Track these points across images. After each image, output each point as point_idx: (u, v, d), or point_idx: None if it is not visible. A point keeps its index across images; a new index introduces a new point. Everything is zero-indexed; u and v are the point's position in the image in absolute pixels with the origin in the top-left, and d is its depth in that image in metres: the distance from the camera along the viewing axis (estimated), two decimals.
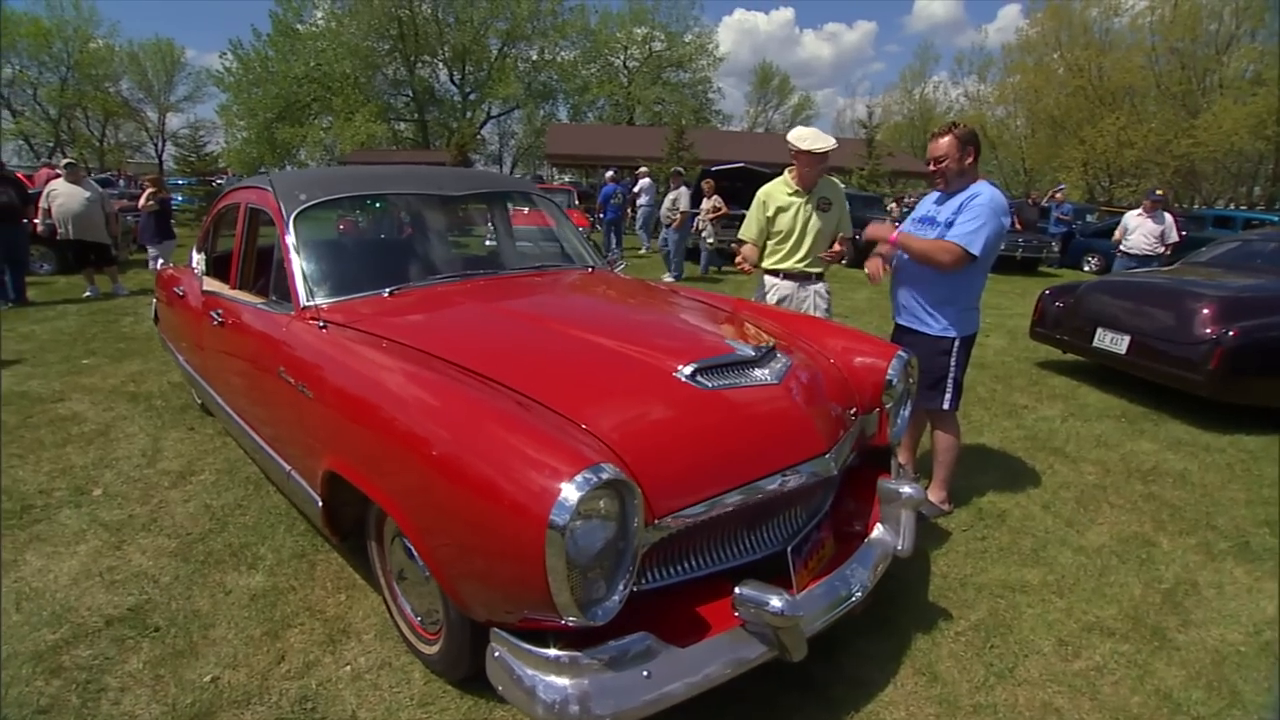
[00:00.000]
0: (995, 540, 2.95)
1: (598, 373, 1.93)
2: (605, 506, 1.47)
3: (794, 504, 1.94)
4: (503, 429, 1.61)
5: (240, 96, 33.76)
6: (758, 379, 1.94)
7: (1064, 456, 3.94)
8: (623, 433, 1.69)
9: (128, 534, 2.93)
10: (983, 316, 7.38)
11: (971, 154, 2.87)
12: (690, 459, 1.72)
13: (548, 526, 1.38)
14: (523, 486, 1.45)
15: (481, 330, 2.25)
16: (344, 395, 2.03)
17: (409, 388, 1.85)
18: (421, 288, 2.60)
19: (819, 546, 1.99)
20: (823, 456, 1.88)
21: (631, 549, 1.52)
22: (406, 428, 1.76)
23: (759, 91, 49.81)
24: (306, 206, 2.70)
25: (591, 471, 1.43)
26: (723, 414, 1.82)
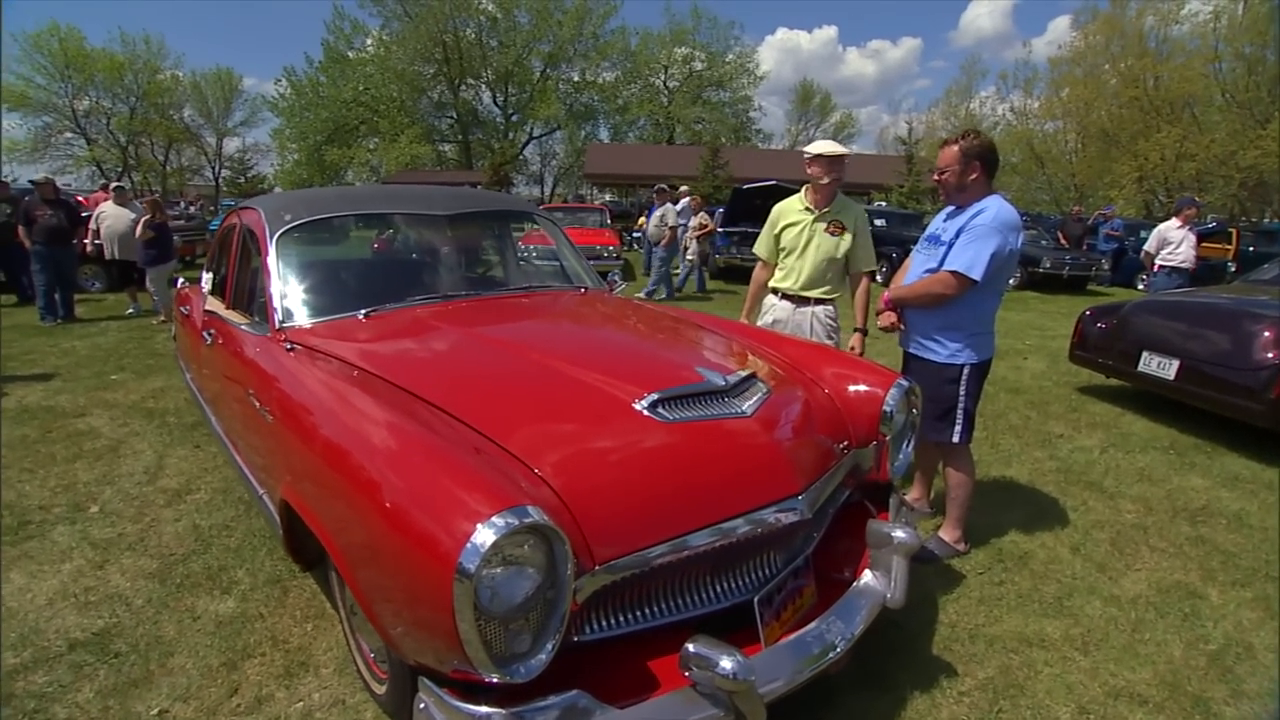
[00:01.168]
0: (1014, 586, 2.69)
1: (554, 404, 1.80)
2: (529, 553, 1.34)
3: (765, 549, 1.76)
4: (430, 463, 1.49)
5: (292, 120, 35.25)
6: (726, 411, 1.78)
7: (1100, 492, 3.62)
8: (567, 470, 1.56)
9: (113, 553, 2.91)
10: (1024, 338, 7.01)
11: (976, 169, 2.66)
12: (641, 499, 1.57)
13: (455, 572, 1.24)
14: (438, 525, 1.33)
15: (445, 356, 2.15)
16: (295, 420, 1.96)
17: (349, 416, 1.75)
18: (399, 309, 2.52)
19: (796, 595, 1.80)
20: (794, 498, 1.70)
21: (563, 600, 1.37)
22: (340, 457, 1.67)
23: (800, 110, 49.53)
24: (290, 227, 2.67)
25: (512, 514, 1.30)
26: (681, 449, 1.67)
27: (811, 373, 2.32)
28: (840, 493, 2.21)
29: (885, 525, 1.95)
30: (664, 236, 9.65)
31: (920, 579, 2.69)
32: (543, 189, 45.61)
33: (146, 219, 7.79)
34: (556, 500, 1.49)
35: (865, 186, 21.44)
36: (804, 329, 3.25)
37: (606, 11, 38.31)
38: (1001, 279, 2.76)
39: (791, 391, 2.09)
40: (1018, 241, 2.68)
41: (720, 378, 1.85)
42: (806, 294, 3.23)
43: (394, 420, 1.67)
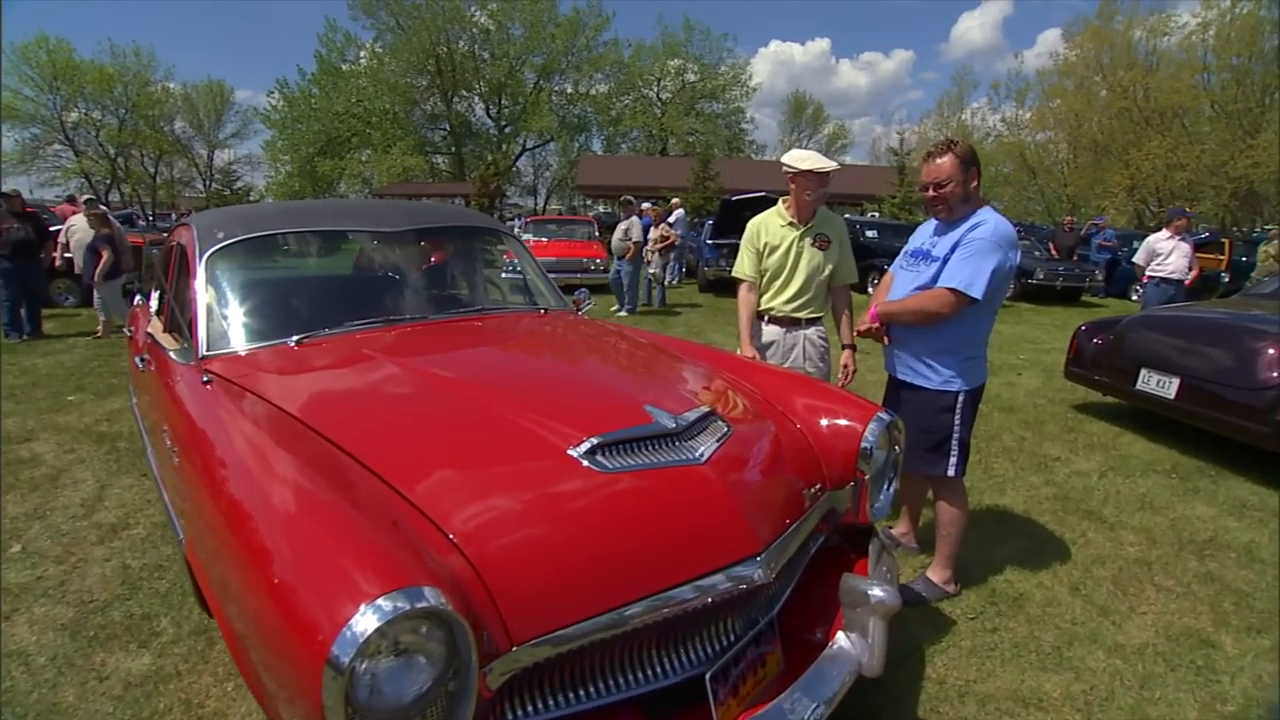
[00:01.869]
0: (1009, 633, 2.46)
1: (480, 452, 1.57)
2: (422, 640, 1.12)
3: (721, 615, 1.54)
4: (325, 533, 1.26)
5: (285, 132, 35.16)
6: (677, 457, 1.55)
7: (1100, 522, 3.40)
8: (484, 533, 1.33)
9: (26, 601, 2.66)
10: (1018, 351, 6.77)
11: (975, 175, 2.47)
12: (570, 566, 1.34)
13: (326, 663, 1.02)
14: (319, 607, 1.11)
15: (369, 394, 1.92)
16: (195, 467, 1.73)
17: (250, 468, 1.52)
18: (334, 336, 2.30)
19: (758, 665, 1.58)
20: (753, 559, 1.47)
21: (468, 694, 1.15)
22: (235, 517, 1.44)
23: (792, 121, 49.63)
24: (222, 246, 2.45)
25: (404, 596, 1.08)
26: (621, 505, 1.44)
27: (783, 406, 2.10)
28: (813, 540, 1.98)
29: (861, 582, 1.72)
30: (628, 250, 9.38)
31: (905, 625, 2.48)
32: (536, 200, 45.56)
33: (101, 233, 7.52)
34: (469, 571, 1.26)
35: (857, 197, 21.36)
36: (798, 352, 3.04)
37: (599, 24, 38.49)
38: (998, 298, 2.56)
39: (757, 430, 1.87)
40: (1016, 258, 2.48)
41: (671, 418, 1.62)
42: (798, 315, 3.03)
43: (296, 477, 1.45)
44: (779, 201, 3.10)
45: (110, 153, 36.89)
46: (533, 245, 13.02)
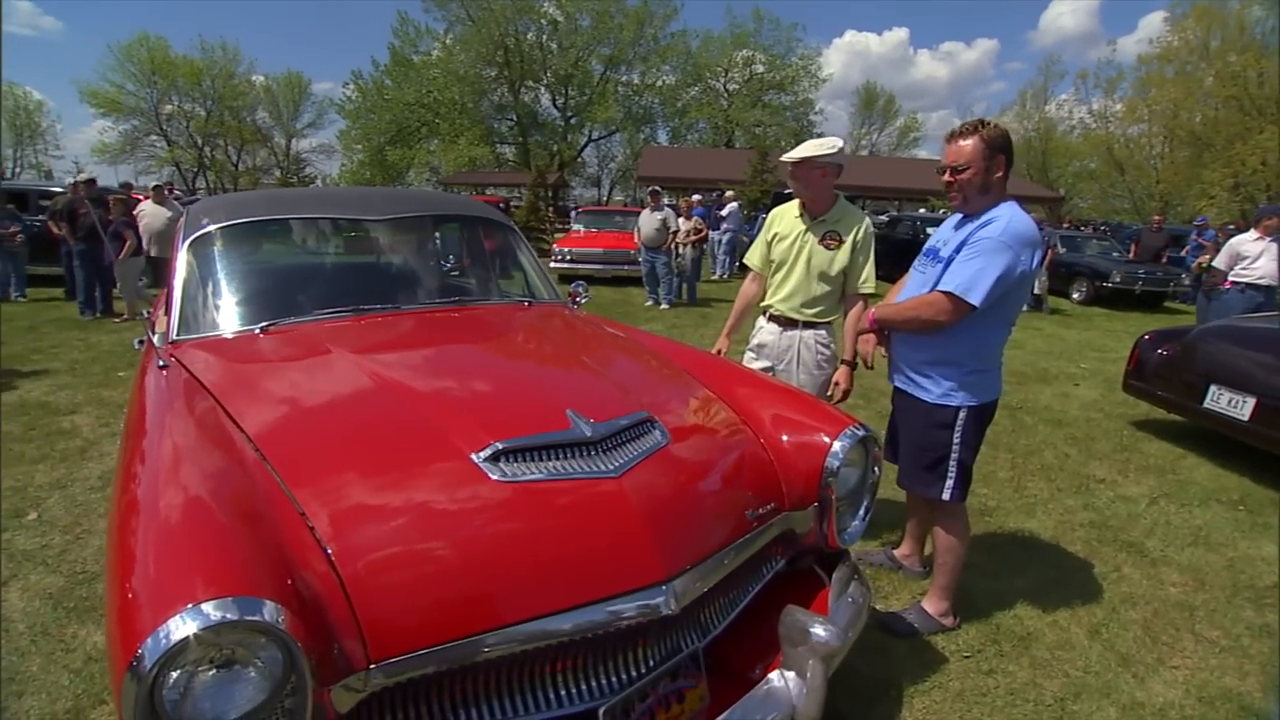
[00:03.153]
0: (1006, 677, 2.21)
1: (380, 452, 1.47)
2: (251, 654, 1.03)
3: (631, 644, 1.39)
4: (181, 529, 1.20)
5: (358, 122, 36.49)
6: (586, 469, 1.41)
7: (1141, 555, 3.05)
8: (357, 538, 1.24)
9: (25, 568, 2.76)
10: (1080, 360, 6.26)
11: (1002, 164, 2.19)
12: (446, 581, 1.23)
13: (128, 665, 0.96)
14: (144, 606, 1.05)
15: (302, 380, 1.87)
16: (123, 445, 1.73)
17: (150, 456, 1.49)
18: (297, 325, 2.26)
19: (674, 700, 1.42)
20: (657, 587, 1.32)
21: (306, 707, 1.06)
22: (118, 498, 1.42)
23: (863, 113, 48.00)
24: (204, 231, 2.47)
25: (233, 606, 1.01)
26: (514, 517, 1.32)
27: (748, 415, 1.93)
28: (768, 566, 1.81)
29: (804, 617, 1.54)
30: (665, 241, 9.17)
31: (888, 658, 2.27)
32: (599, 192, 45.77)
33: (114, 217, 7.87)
34: (334, 581, 1.18)
35: (924, 193, 20.39)
36: (791, 355, 2.82)
37: (667, 14, 38.13)
38: (1011, 305, 2.28)
39: (700, 442, 1.71)
40: (1032, 261, 2.18)
41: (590, 426, 1.48)
42: (795, 316, 2.80)
43: (187, 470, 1.39)
44: None
45: (198, 142, 39.53)
46: (582, 236, 13.02)
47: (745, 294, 3.04)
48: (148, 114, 38.28)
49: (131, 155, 38.60)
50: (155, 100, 37.99)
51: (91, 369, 5.83)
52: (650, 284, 9.79)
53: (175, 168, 38.73)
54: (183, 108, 38.61)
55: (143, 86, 37.29)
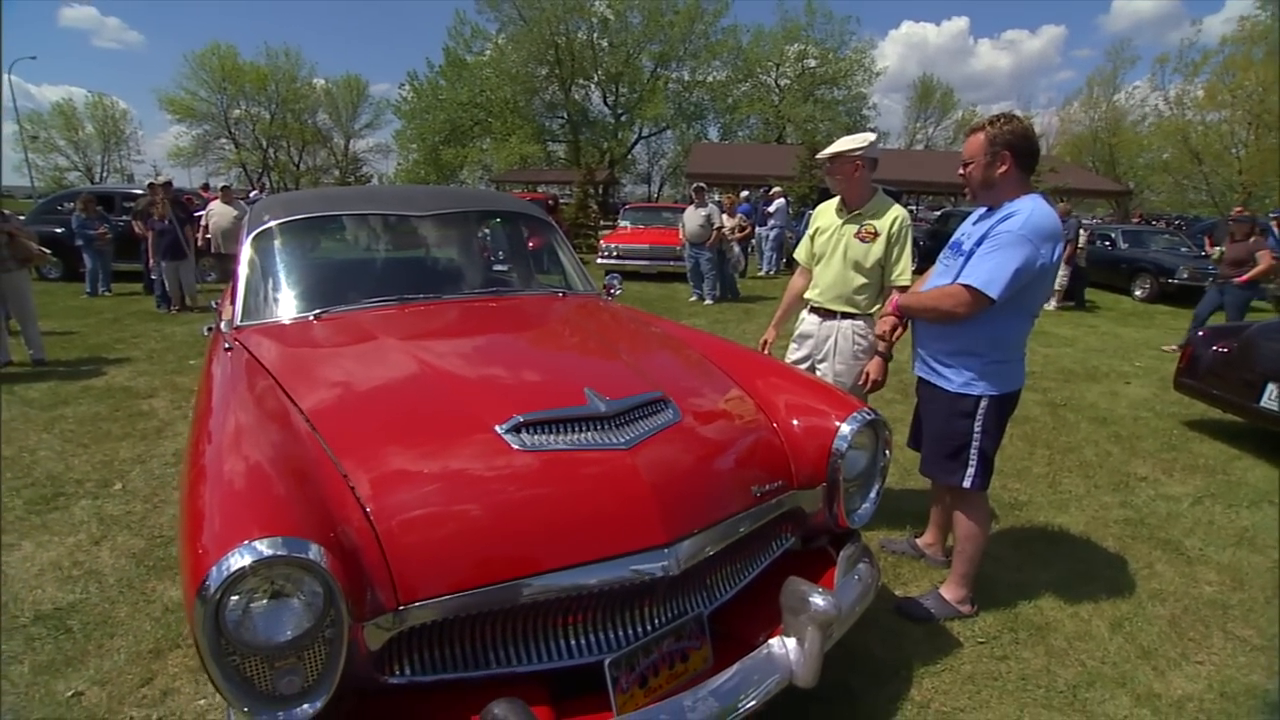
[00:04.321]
0: (1020, 663, 2.23)
1: (415, 423, 1.64)
2: (295, 586, 1.20)
3: (637, 604, 1.51)
4: (241, 481, 1.38)
5: (413, 122, 37.64)
6: (599, 441, 1.54)
7: (1176, 554, 2.99)
8: (390, 496, 1.40)
9: (113, 531, 3.07)
10: (1135, 358, 6.11)
11: (1006, 161, 2.21)
12: (468, 535, 1.38)
13: (197, 592, 1.13)
14: (208, 543, 1.23)
15: (350, 362, 2.05)
16: (193, 417, 1.94)
17: (220, 420, 1.69)
18: (348, 313, 2.46)
19: (676, 659, 1.54)
20: (659, 549, 1.44)
21: (342, 639, 1.22)
22: (191, 458, 1.63)
23: (919, 107, 46.73)
24: (265, 227, 2.69)
25: (284, 544, 1.18)
26: (531, 482, 1.45)
27: (762, 399, 2.02)
28: (778, 541, 1.90)
29: (804, 587, 1.63)
30: (710, 238, 9.21)
31: (901, 640, 2.33)
32: (650, 188, 45.93)
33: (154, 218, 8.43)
34: (367, 528, 1.33)
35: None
36: (830, 345, 2.90)
37: (718, 10, 37.99)
38: (1033, 298, 2.30)
39: (709, 421, 1.81)
40: (1053, 254, 2.20)
41: (604, 402, 1.61)
42: (834, 307, 2.88)
43: (247, 435, 1.58)
44: None
45: (263, 144, 41.74)
46: (629, 232, 13.17)
47: (794, 287, 3.13)
48: (218, 118, 40.70)
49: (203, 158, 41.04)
50: (225, 105, 40.38)
51: (166, 358, 6.29)
52: (694, 279, 9.88)
53: (242, 169, 41.00)
54: (249, 112, 41.00)
55: (214, 92, 39.75)
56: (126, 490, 3.50)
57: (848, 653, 2.22)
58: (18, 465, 3.76)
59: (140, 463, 3.84)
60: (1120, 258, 12.43)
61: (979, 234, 2.27)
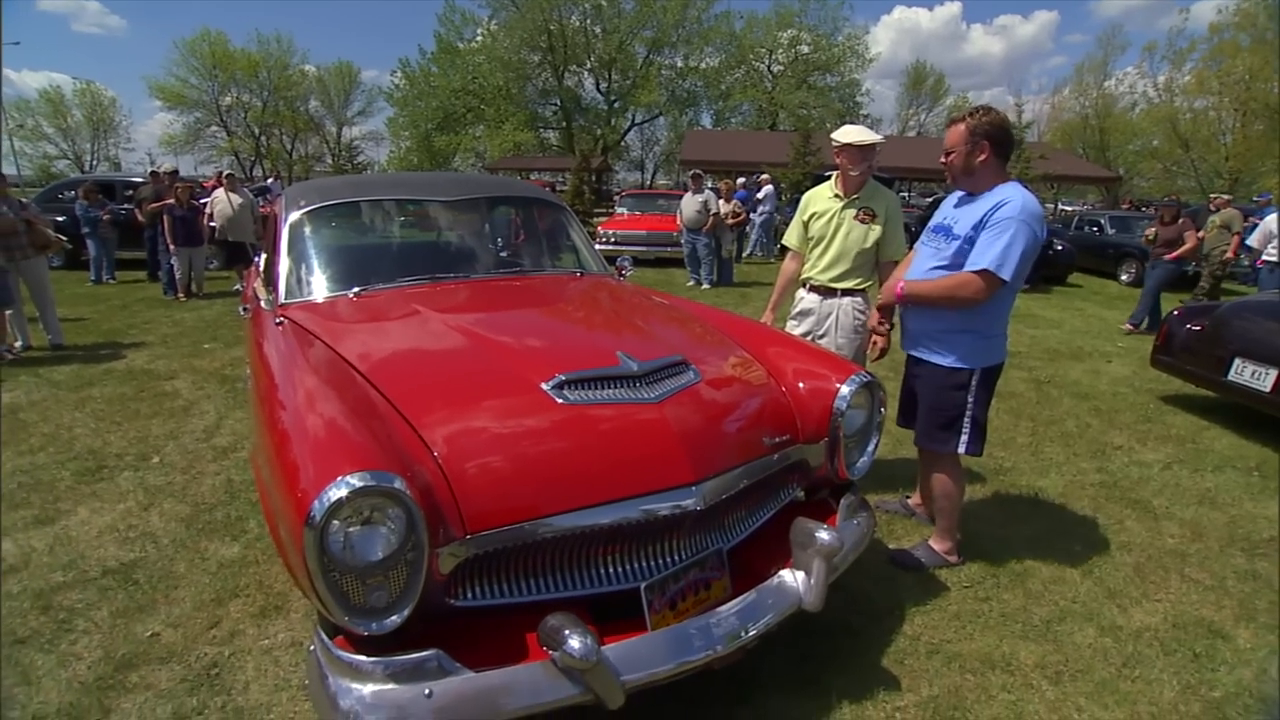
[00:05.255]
0: (1000, 604, 2.49)
1: (469, 381, 1.86)
2: (385, 516, 1.41)
3: (666, 536, 1.74)
4: (325, 429, 1.59)
5: (405, 110, 37.44)
6: (632, 396, 1.77)
7: (1145, 511, 3.26)
8: (454, 442, 1.62)
9: (159, 499, 3.28)
10: (1118, 339, 6.46)
11: (985, 149, 2.41)
12: (522, 475, 1.60)
13: (305, 519, 1.34)
14: (309, 479, 1.43)
15: (397, 335, 2.27)
16: (258, 381, 2.14)
17: (289, 384, 1.89)
18: (386, 290, 2.67)
19: (700, 587, 1.77)
20: (687, 487, 1.67)
21: (423, 561, 1.44)
22: (271, 417, 1.81)
23: (911, 93, 46.84)
24: (302, 212, 2.88)
25: (372, 477, 1.38)
26: (574, 430, 1.68)
27: (769, 364, 2.25)
28: (786, 490, 2.14)
29: (810, 524, 1.86)
30: (706, 223, 9.42)
31: (894, 586, 2.58)
32: (643, 175, 45.93)
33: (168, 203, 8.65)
34: (438, 471, 1.55)
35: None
36: (831, 321, 3.13)
37: None
38: (1021, 279, 2.52)
39: (724, 381, 2.04)
40: (1044, 234, 2.44)
41: (636, 363, 1.83)
42: (835, 285, 3.10)
43: (320, 390, 1.79)
44: (832, 176, 3.17)
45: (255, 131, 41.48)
46: (626, 218, 13.34)
47: (786, 272, 3.35)
48: (209, 106, 40.38)
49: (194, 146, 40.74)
50: (216, 93, 40.02)
51: (180, 342, 6.46)
52: (692, 265, 10.09)
53: (234, 157, 40.75)
54: (241, 99, 40.77)
55: (204, 80, 39.36)
56: (164, 463, 3.70)
57: (848, 596, 2.47)
58: (59, 440, 3.96)
59: (173, 438, 4.04)
60: (1107, 243, 12.73)
61: (971, 219, 2.45)
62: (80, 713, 1.94)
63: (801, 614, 1.86)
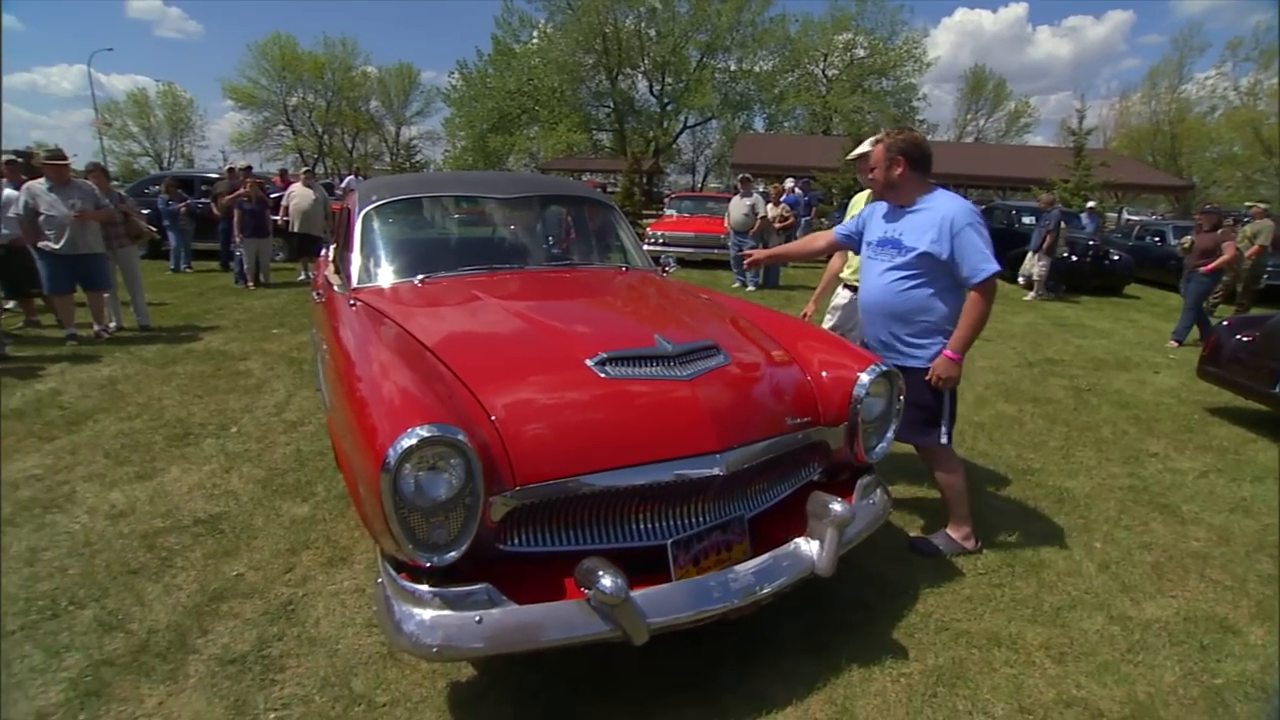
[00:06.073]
0: (1012, 590, 2.60)
1: (522, 356, 2.10)
2: (446, 462, 1.64)
3: (692, 499, 1.94)
4: (398, 390, 1.84)
5: (462, 110, 38.47)
6: (666, 373, 1.97)
7: (1171, 515, 3.29)
8: (509, 407, 1.85)
9: (238, 463, 3.64)
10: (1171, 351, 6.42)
11: (901, 165, 2.61)
12: (566, 437, 1.82)
13: (381, 464, 1.58)
14: (383, 431, 1.67)
15: (459, 315, 2.53)
16: (335, 355, 2.42)
17: (363, 355, 2.16)
18: (448, 278, 2.94)
19: (722, 549, 1.96)
20: (712, 455, 1.86)
21: (479, 505, 1.67)
22: (348, 383, 2.07)
23: (969, 98, 45.71)
24: (373, 205, 3.18)
25: (438, 429, 1.62)
26: (613, 401, 1.89)
27: (795, 353, 2.42)
28: (807, 469, 2.31)
29: (825, 496, 2.04)
30: (754, 226, 9.57)
31: (910, 570, 2.71)
32: (694, 178, 46.07)
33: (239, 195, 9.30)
34: (493, 430, 1.79)
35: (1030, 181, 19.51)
36: (859, 317, 3.29)
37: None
38: None
39: (751, 365, 2.22)
40: None
41: (671, 345, 2.04)
42: None
43: (392, 361, 2.05)
44: None
45: (318, 130, 43.37)
46: (675, 220, 13.57)
47: (832, 267, 3.62)
48: (277, 106, 42.35)
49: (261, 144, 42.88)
50: (283, 93, 41.98)
51: (251, 327, 6.95)
52: (737, 266, 10.24)
53: (299, 154, 42.63)
54: (306, 99, 42.74)
55: (274, 81, 41.30)
56: (241, 433, 4.08)
57: (865, 576, 2.63)
58: (151, 409, 4.39)
59: (248, 412, 4.43)
60: (1170, 254, 12.29)
61: (921, 231, 2.59)
62: (184, 631, 2.26)
63: (816, 587, 2.03)
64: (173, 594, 2.47)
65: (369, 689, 2.04)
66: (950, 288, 2.60)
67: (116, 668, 2.09)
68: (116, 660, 2.12)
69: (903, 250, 2.64)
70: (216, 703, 1.97)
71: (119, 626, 2.28)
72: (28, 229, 5.73)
